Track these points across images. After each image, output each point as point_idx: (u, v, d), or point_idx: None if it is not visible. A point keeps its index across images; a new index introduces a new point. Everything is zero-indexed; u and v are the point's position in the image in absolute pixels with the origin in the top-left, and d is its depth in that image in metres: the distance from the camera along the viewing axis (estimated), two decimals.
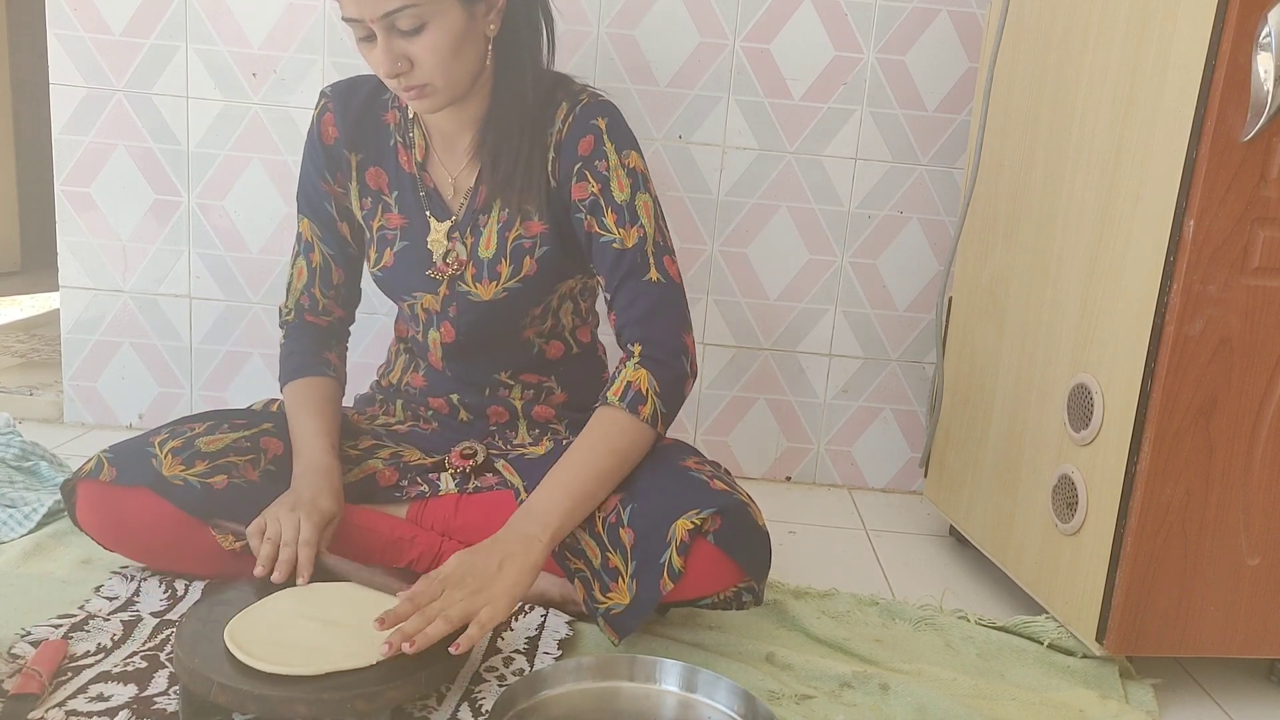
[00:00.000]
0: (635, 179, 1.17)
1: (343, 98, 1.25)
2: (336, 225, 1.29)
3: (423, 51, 1.06)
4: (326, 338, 1.34)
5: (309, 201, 1.29)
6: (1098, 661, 1.22)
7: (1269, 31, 1.00)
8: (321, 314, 1.33)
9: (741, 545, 1.09)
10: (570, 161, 1.17)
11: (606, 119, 1.18)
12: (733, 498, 1.10)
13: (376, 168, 1.25)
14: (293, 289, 1.32)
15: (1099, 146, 1.22)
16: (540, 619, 1.17)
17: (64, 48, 1.75)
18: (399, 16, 1.03)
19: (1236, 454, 1.12)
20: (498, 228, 1.20)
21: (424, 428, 1.32)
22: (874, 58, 1.77)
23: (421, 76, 1.08)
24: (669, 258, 1.18)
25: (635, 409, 1.11)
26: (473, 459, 1.25)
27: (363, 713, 0.87)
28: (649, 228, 1.16)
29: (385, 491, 1.24)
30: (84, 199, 1.81)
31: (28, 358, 2.28)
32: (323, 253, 1.30)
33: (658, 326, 1.14)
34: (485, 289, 1.21)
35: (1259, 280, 1.07)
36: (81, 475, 1.14)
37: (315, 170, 1.27)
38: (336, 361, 1.33)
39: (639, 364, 1.13)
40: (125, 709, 0.93)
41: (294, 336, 1.32)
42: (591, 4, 1.74)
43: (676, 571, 1.05)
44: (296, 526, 1.06)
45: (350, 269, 1.33)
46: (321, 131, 1.25)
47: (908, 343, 1.88)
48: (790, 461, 1.93)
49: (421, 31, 1.05)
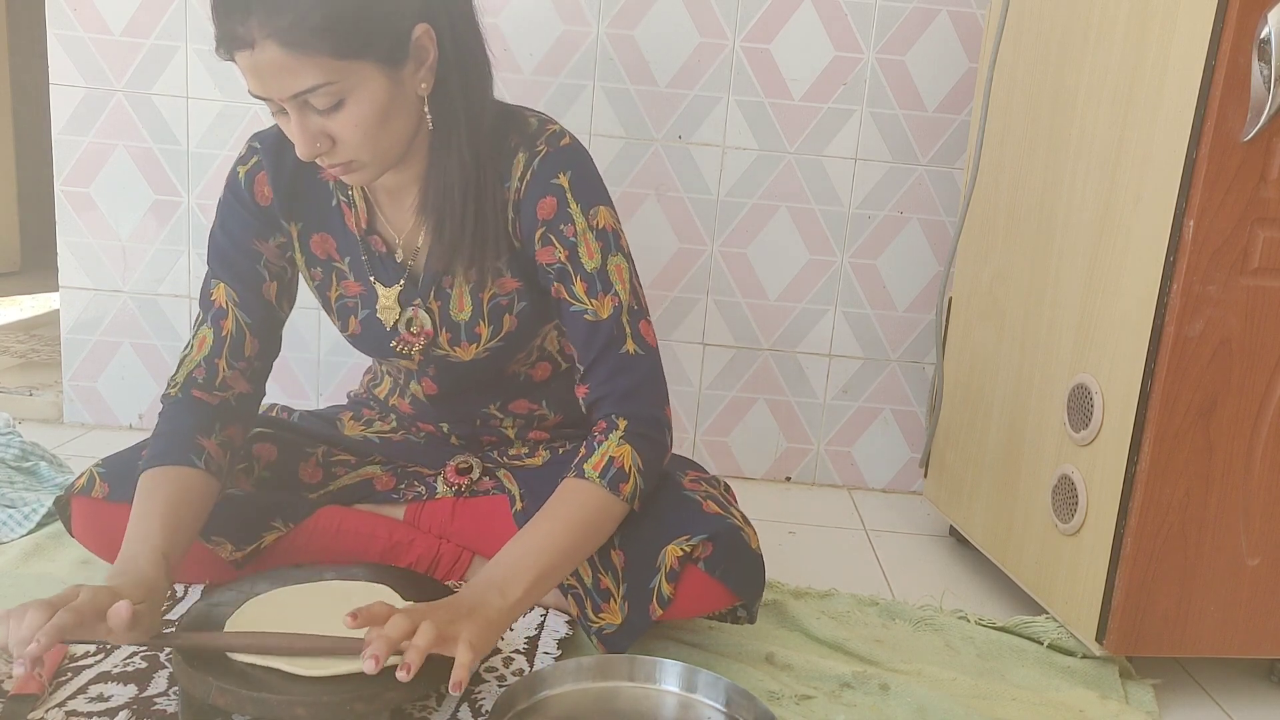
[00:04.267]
0: (606, 240, 1.06)
1: (274, 154, 1.09)
2: (262, 288, 1.12)
3: (343, 129, 0.93)
4: (210, 419, 1.09)
5: (227, 264, 1.11)
6: (1098, 661, 1.22)
7: (1269, 31, 1.00)
8: (217, 389, 1.11)
9: (733, 571, 1.06)
10: (531, 224, 1.06)
11: (569, 173, 1.05)
12: (725, 522, 1.06)
13: (321, 233, 1.12)
14: (188, 361, 1.11)
15: (1099, 147, 1.22)
16: (540, 618, 1.17)
17: (64, 48, 1.75)
18: (312, 95, 0.90)
19: (1236, 454, 1.12)
20: (469, 289, 1.11)
21: (418, 439, 1.29)
22: (874, 58, 1.77)
23: (345, 154, 0.95)
24: (645, 323, 1.08)
25: (616, 487, 1.02)
26: (468, 474, 1.24)
27: (362, 714, 0.87)
28: (624, 295, 1.06)
29: (382, 494, 1.24)
30: (84, 199, 1.81)
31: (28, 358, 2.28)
32: (238, 320, 1.11)
33: (641, 402, 1.07)
34: (465, 351, 1.13)
35: (1259, 281, 1.07)
36: (75, 491, 1.11)
37: (242, 230, 1.11)
38: (213, 449, 1.07)
39: (624, 439, 1.04)
40: (125, 709, 0.93)
41: (167, 416, 1.09)
42: (591, 4, 1.74)
43: (666, 598, 1.04)
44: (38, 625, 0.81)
45: (268, 338, 1.14)
46: (254, 192, 1.10)
47: (908, 343, 1.88)
48: (790, 462, 1.93)
49: (340, 108, 0.92)
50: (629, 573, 1.07)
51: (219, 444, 1.08)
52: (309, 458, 1.23)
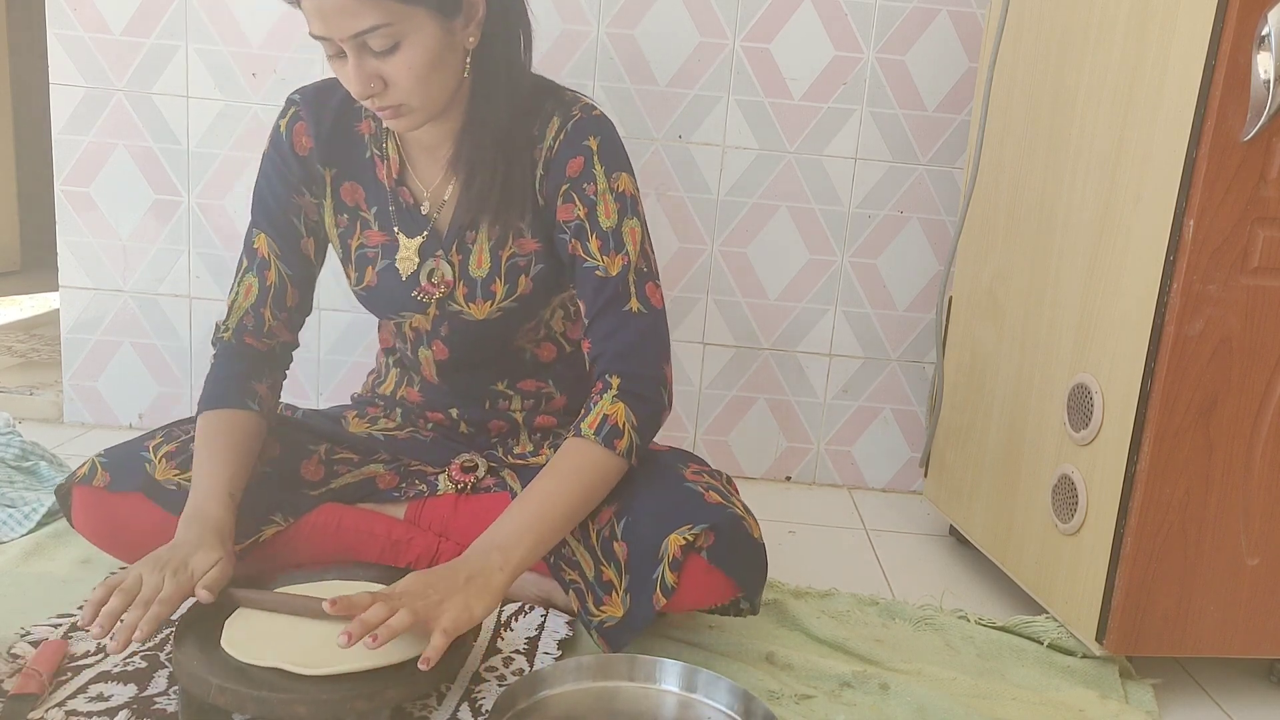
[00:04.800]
0: (624, 203, 1.12)
1: (314, 106, 1.17)
2: (300, 242, 1.20)
3: (397, 71, 1.00)
4: (261, 365, 1.20)
5: (270, 216, 1.18)
6: (1098, 661, 1.22)
7: (1269, 31, 1.00)
8: (265, 337, 1.20)
9: (735, 561, 1.07)
10: (558, 181, 1.12)
11: (599, 137, 1.12)
12: (727, 512, 1.07)
13: (352, 182, 1.18)
14: (236, 307, 1.19)
15: (1099, 146, 1.22)
16: (540, 619, 1.17)
17: (64, 48, 1.75)
18: (370, 37, 0.97)
19: (1236, 454, 1.12)
20: (489, 245, 1.16)
21: (424, 435, 1.30)
22: (874, 58, 1.77)
23: (396, 97, 1.02)
24: (652, 284, 1.13)
25: (611, 443, 1.06)
26: (474, 472, 1.25)
27: (362, 713, 0.87)
28: (633, 255, 1.11)
29: (384, 492, 1.24)
30: (84, 199, 1.81)
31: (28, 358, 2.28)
32: (280, 271, 1.18)
33: (638, 359, 1.10)
34: (479, 308, 1.17)
35: (1259, 280, 1.07)
36: (76, 480, 1.13)
37: (284, 183, 1.17)
38: (265, 393, 1.18)
39: (617, 397, 1.08)
40: (125, 709, 0.93)
41: (224, 360, 1.18)
42: (591, 4, 1.74)
43: (669, 588, 1.04)
44: (158, 586, 0.94)
45: (305, 291, 1.22)
46: (294, 142, 1.16)
47: (908, 343, 1.88)
48: (790, 461, 1.93)
49: (395, 51, 0.99)
50: (632, 564, 1.07)
51: (269, 387, 1.19)
52: (311, 455, 1.23)
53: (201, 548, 0.99)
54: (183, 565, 0.97)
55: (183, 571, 0.96)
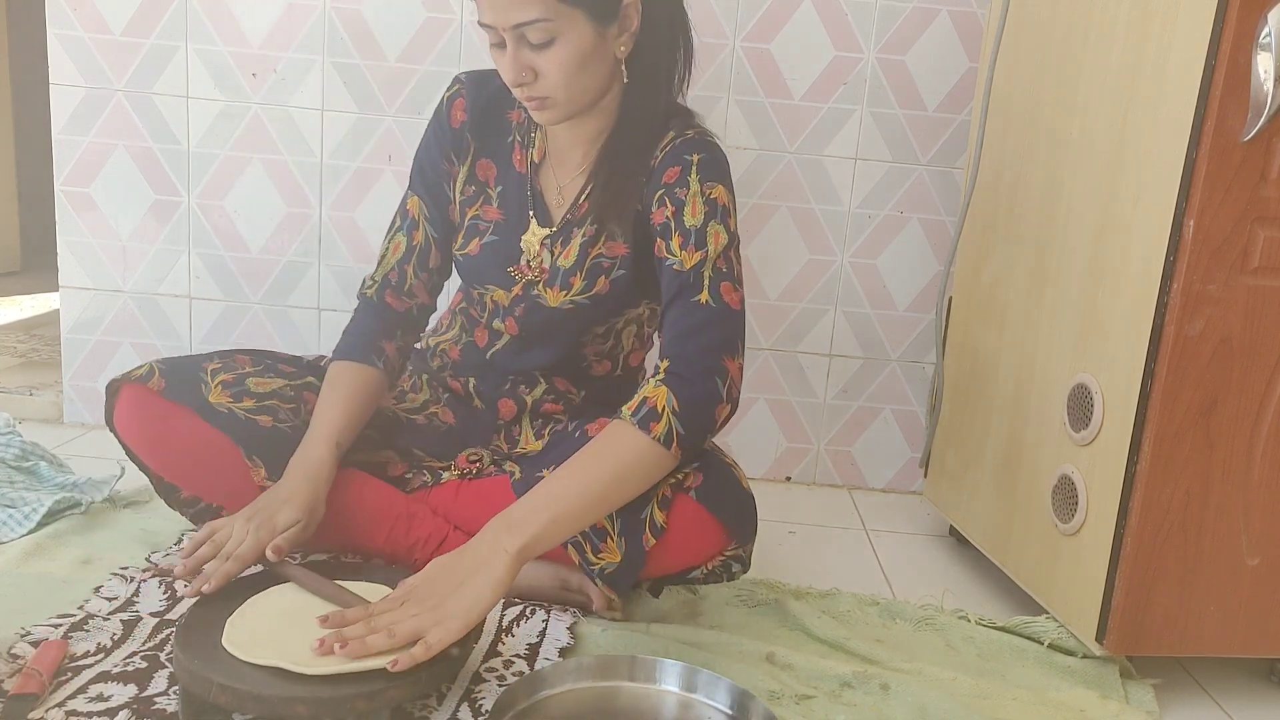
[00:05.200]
0: (713, 208, 1.13)
1: (475, 86, 1.25)
2: (449, 207, 1.27)
3: (549, 65, 1.07)
4: (394, 324, 1.28)
5: (424, 180, 1.27)
6: (1098, 661, 1.22)
7: (1269, 31, 1.00)
8: (406, 295, 1.27)
9: (724, 502, 1.10)
10: (655, 188, 1.16)
11: (702, 155, 1.15)
12: (714, 456, 1.11)
13: (488, 160, 1.26)
14: (385, 261, 1.27)
15: (1099, 146, 1.22)
16: (542, 626, 1.16)
17: (64, 48, 1.75)
18: (529, 29, 1.04)
19: (1236, 454, 1.12)
20: (581, 241, 1.20)
21: (441, 418, 1.32)
22: (874, 58, 1.77)
23: (544, 89, 1.09)
24: (728, 284, 1.11)
25: (647, 426, 1.03)
26: (478, 464, 1.28)
27: (362, 712, 0.87)
28: (713, 252, 1.11)
29: (394, 478, 1.27)
30: (84, 199, 1.81)
31: (28, 358, 2.28)
32: (427, 233, 1.27)
33: (692, 344, 1.08)
34: (554, 296, 1.21)
35: (1259, 280, 1.07)
36: (130, 378, 1.16)
37: (439, 150, 1.26)
38: (392, 353, 1.26)
39: (661, 381, 1.06)
40: (125, 709, 0.93)
41: (362, 314, 1.27)
42: None
43: (659, 527, 1.07)
44: (242, 539, 1.03)
45: (447, 257, 1.29)
46: (450, 114, 1.25)
47: (908, 343, 1.88)
48: (790, 461, 1.93)
49: (550, 46, 1.06)
50: (623, 507, 1.08)
51: (397, 348, 1.27)
52: None
53: (290, 502, 1.07)
54: (268, 520, 1.05)
55: (265, 526, 1.04)
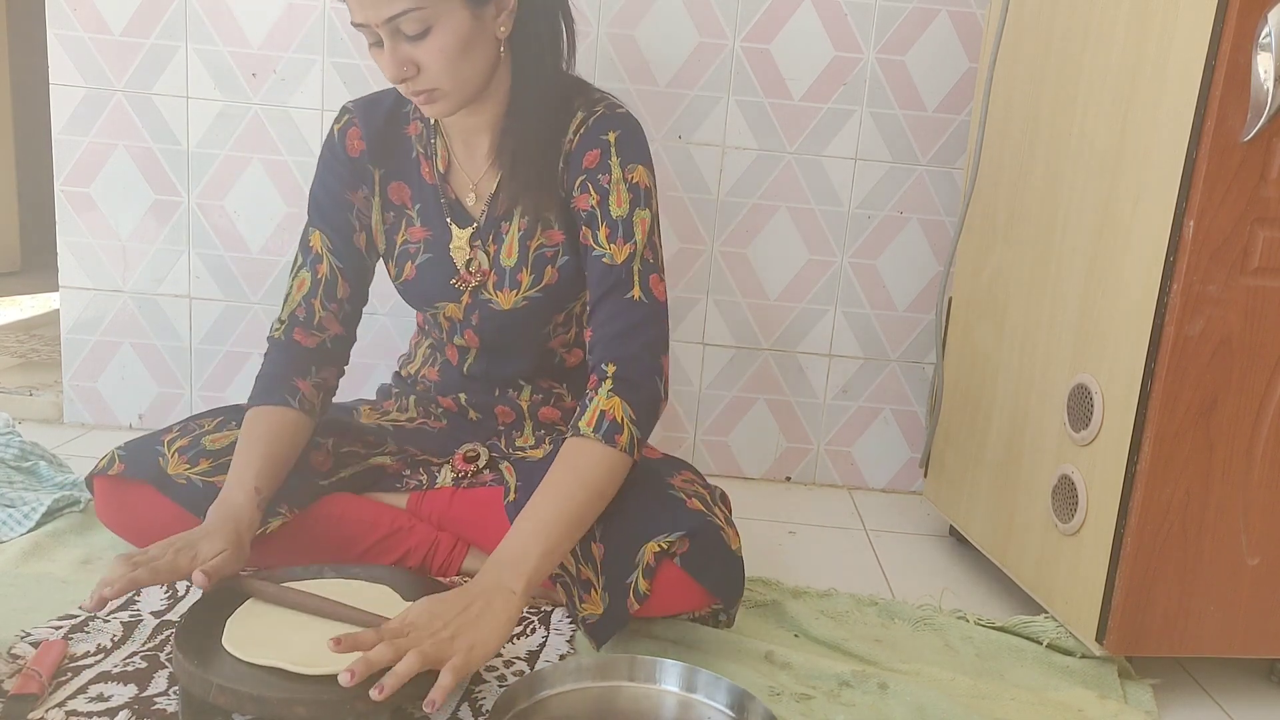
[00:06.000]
0: (636, 194, 1.14)
1: (365, 112, 1.24)
2: (353, 236, 1.25)
3: (429, 55, 1.05)
4: (306, 361, 1.22)
5: (324, 214, 1.24)
6: (1097, 661, 1.22)
7: (1269, 31, 1.00)
8: (315, 329, 1.23)
9: (709, 570, 1.08)
10: (576, 174, 1.16)
11: (618, 132, 1.16)
12: (704, 520, 1.08)
13: (399, 182, 1.24)
14: (290, 299, 1.23)
15: (1099, 146, 1.22)
16: (541, 640, 1.15)
17: (64, 48, 1.75)
18: (403, 20, 1.03)
19: (1236, 454, 1.12)
20: (519, 236, 1.20)
21: (433, 425, 1.32)
22: (874, 58, 1.77)
23: (428, 81, 1.07)
24: (655, 276, 1.14)
25: (612, 439, 1.06)
26: (475, 461, 1.27)
27: (362, 713, 0.87)
28: (640, 244, 1.13)
29: (387, 480, 1.27)
30: (84, 199, 1.81)
31: (28, 358, 2.28)
32: (331, 264, 1.23)
33: (632, 345, 1.11)
34: (505, 297, 1.21)
35: (1259, 280, 1.07)
36: (97, 471, 1.20)
37: (337, 181, 1.23)
38: (308, 390, 1.20)
39: (613, 390, 1.08)
40: (125, 709, 0.93)
41: (271, 356, 1.23)
42: (591, 4, 1.74)
43: (642, 594, 1.05)
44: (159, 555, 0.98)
45: (358, 284, 1.26)
46: (346, 144, 1.23)
47: (908, 343, 1.88)
48: (790, 461, 1.93)
49: (427, 36, 1.04)
50: (607, 566, 1.09)
51: (314, 385, 1.22)
52: (319, 447, 1.25)
53: (212, 535, 1.03)
54: (189, 547, 1.00)
55: (186, 552, 0.99)
